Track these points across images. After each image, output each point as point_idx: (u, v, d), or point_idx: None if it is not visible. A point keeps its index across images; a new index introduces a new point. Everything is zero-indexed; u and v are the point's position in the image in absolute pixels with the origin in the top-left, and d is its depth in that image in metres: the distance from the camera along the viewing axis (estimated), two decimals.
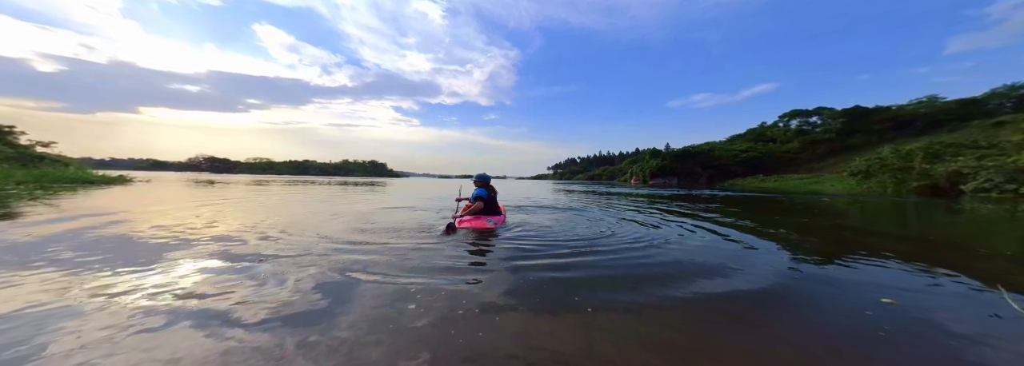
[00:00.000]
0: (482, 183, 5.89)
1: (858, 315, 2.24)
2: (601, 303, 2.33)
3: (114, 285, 2.53)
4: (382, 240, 4.26)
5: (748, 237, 4.97)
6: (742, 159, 62.67)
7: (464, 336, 1.83)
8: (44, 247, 3.60)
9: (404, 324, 1.96)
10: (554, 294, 2.48)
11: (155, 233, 4.50)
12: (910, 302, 2.49)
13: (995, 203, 12.63)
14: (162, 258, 3.29)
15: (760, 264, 3.46)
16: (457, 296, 2.40)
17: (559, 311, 2.18)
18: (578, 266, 3.23)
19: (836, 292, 2.69)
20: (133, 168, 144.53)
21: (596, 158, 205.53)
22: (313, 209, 7.71)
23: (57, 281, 2.58)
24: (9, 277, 2.65)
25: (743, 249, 4.18)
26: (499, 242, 4.30)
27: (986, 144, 23.04)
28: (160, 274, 2.81)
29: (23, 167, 16.30)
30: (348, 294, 2.42)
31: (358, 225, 5.44)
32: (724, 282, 2.85)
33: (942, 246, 4.74)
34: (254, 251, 3.60)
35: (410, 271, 2.98)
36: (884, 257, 3.83)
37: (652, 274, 3.02)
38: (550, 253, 3.72)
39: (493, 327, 1.95)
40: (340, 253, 3.57)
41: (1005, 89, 46.04)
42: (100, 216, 5.91)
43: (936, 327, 2.10)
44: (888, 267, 3.43)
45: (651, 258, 3.61)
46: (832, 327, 2.07)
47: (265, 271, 2.91)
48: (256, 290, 2.47)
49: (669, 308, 2.30)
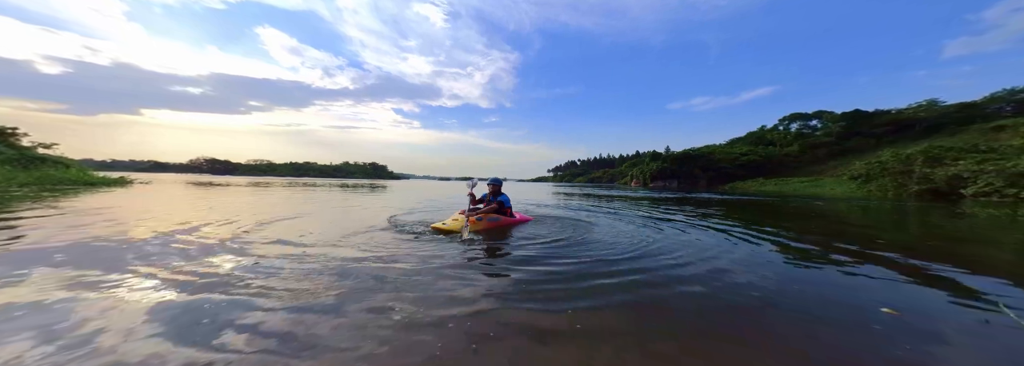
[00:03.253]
0: (497, 187, 6.09)
1: (858, 325, 2.24)
2: (590, 314, 2.33)
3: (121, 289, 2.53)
4: (384, 253, 4.24)
5: (750, 241, 4.97)
6: (742, 162, 62.78)
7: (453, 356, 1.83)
8: (52, 252, 3.61)
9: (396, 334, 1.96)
10: (550, 301, 2.48)
11: (153, 240, 4.51)
12: (910, 310, 2.49)
13: (996, 207, 12.62)
14: (135, 264, 3.29)
15: (760, 271, 3.46)
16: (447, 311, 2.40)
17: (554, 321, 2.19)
18: (578, 271, 3.24)
19: (836, 300, 2.69)
20: (134, 169, 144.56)
21: (596, 160, 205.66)
22: (313, 212, 7.71)
23: (55, 283, 2.59)
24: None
25: (744, 254, 4.18)
26: (514, 250, 4.29)
27: (986, 148, 23.07)
28: (145, 280, 2.82)
29: (24, 169, 16.32)
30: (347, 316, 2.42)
31: (363, 238, 5.43)
32: (720, 289, 2.85)
33: (943, 251, 4.73)
34: (238, 259, 3.61)
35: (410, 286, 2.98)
36: (885, 263, 3.83)
37: (655, 282, 3.03)
38: (554, 261, 3.72)
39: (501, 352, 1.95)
40: (342, 270, 3.57)
41: (1004, 93, 46.15)
42: (100, 219, 5.92)
43: (934, 337, 2.10)
44: (888, 274, 3.43)
45: (655, 268, 3.61)
46: (832, 338, 2.08)
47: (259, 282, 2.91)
48: (256, 300, 2.47)
49: (664, 316, 2.31)
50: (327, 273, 3.02)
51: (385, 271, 3.11)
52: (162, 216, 6.54)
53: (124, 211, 7.19)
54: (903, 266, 3.73)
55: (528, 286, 2.80)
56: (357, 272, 3.07)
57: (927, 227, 7.72)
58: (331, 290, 2.60)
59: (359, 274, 3.01)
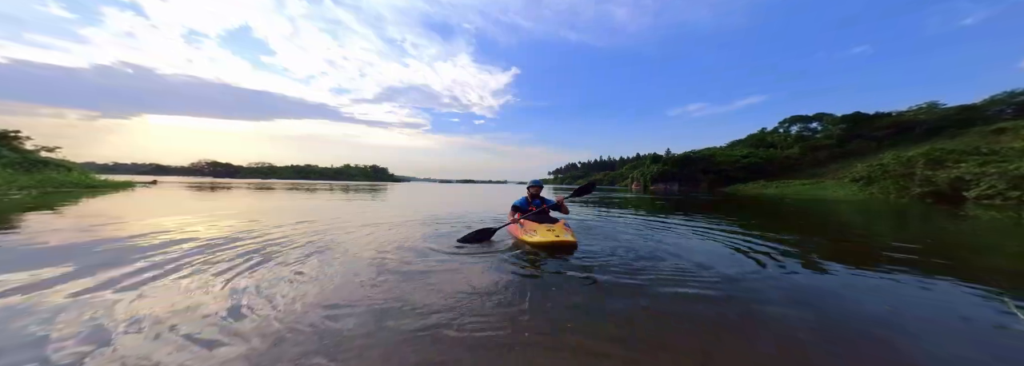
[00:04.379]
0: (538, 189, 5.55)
1: (862, 326, 2.23)
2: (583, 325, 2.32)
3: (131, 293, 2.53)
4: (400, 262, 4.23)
5: (756, 251, 4.96)
6: (743, 164, 62.70)
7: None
8: (63, 252, 3.61)
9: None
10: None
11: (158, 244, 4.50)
12: (912, 312, 2.48)
13: (998, 210, 12.59)
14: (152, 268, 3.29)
15: (761, 274, 3.45)
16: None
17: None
18: (574, 278, 3.23)
19: (838, 302, 2.68)
20: (135, 172, 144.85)
21: (597, 163, 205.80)
22: (313, 217, 7.71)
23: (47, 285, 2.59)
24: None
25: (745, 257, 4.16)
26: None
27: (988, 150, 23.03)
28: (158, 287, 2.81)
29: (26, 172, 16.37)
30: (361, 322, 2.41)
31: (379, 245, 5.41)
32: (723, 291, 2.84)
33: (946, 254, 4.71)
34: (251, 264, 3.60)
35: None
36: (887, 264, 3.82)
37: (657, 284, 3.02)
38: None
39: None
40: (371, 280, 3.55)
41: (1004, 95, 46.13)
42: (101, 222, 5.92)
43: (939, 339, 2.09)
44: (892, 277, 3.41)
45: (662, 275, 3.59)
46: (836, 338, 2.06)
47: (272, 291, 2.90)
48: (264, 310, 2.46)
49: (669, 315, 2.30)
50: (387, 282, 3.00)
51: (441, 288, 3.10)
52: (196, 220, 6.54)
53: (162, 218, 7.17)
54: (908, 268, 3.70)
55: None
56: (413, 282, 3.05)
57: (930, 230, 7.69)
58: (385, 301, 2.59)
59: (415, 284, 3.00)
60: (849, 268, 3.73)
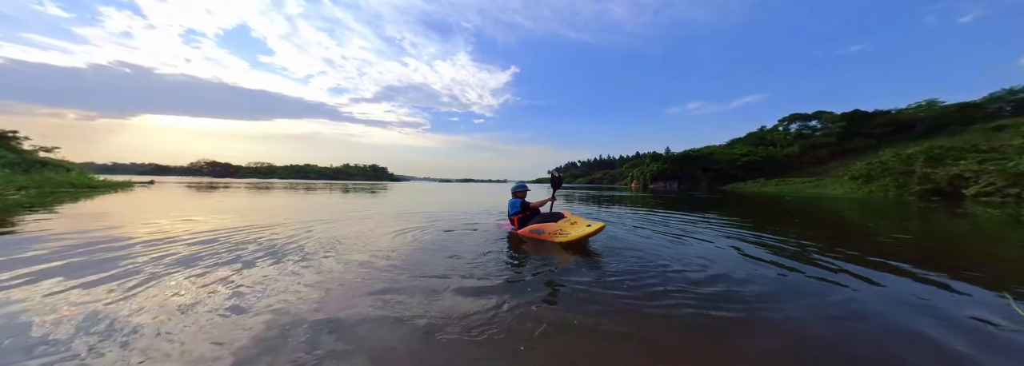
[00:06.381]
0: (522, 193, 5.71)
1: (862, 326, 2.22)
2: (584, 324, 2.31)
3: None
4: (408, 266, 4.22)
5: (754, 249, 4.95)
6: (743, 163, 62.68)
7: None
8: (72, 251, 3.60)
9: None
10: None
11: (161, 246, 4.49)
12: (912, 311, 2.47)
13: (997, 207, 12.58)
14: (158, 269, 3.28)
15: (761, 273, 3.44)
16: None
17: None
18: (576, 278, 3.22)
19: (837, 301, 2.67)
20: (135, 172, 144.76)
21: (597, 162, 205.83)
22: (314, 216, 7.70)
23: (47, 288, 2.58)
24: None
25: (745, 256, 4.16)
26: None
27: (987, 148, 23.03)
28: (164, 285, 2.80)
29: (25, 172, 16.33)
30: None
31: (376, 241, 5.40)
32: (715, 284, 2.83)
33: (946, 252, 4.71)
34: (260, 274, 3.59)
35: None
36: (887, 262, 3.81)
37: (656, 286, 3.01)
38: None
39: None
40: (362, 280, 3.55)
41: (1004, 93, 46.12)
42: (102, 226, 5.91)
43: (940, 337, 2.08)
44: (892, 275, 3.40)
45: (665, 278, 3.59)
46: (836, 338, 2.06)
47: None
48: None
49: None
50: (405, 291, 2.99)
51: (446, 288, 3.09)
52: (206, 221, 6.53)
53: (160, 215, 7.16)
54: (910, 265, 3.70)
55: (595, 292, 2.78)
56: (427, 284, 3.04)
57: (929, 227, 7.69)
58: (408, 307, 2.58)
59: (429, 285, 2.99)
60: (847, 265, 3.72)
